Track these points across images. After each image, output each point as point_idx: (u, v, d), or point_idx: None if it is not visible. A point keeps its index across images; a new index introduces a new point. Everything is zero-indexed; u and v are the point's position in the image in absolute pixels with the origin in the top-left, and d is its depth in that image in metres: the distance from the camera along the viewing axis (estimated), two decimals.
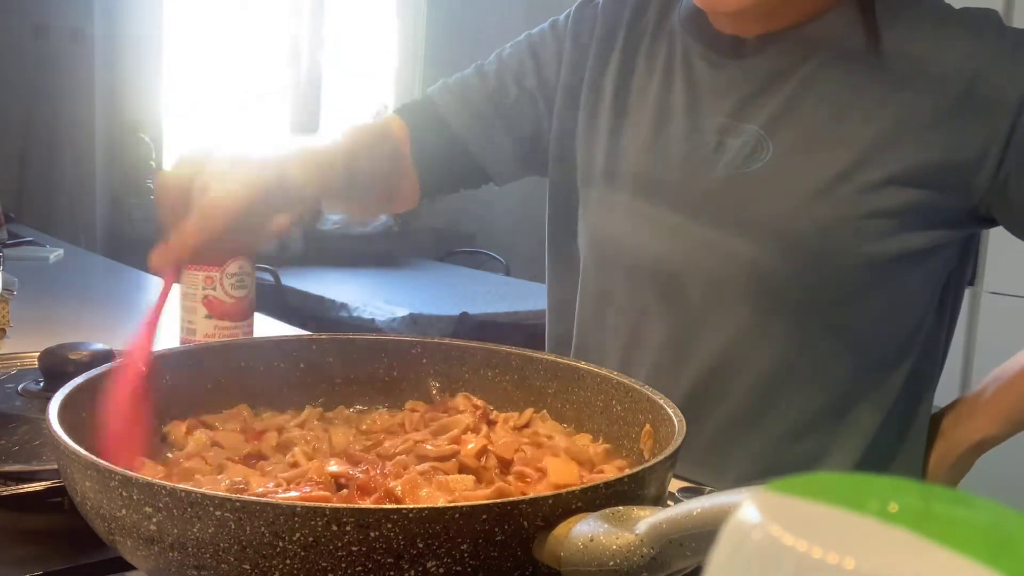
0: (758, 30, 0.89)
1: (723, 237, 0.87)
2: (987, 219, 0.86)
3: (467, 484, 0.57)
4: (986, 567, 0.17)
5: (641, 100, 0.95)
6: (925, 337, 0.90)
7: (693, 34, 0.94)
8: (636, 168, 0.93)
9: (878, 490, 0.21)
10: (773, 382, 0.87)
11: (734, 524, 0.20)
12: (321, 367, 0.76)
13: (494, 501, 0.45)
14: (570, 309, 1.02)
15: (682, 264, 0.89)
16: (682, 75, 0.93)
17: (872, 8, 0.85)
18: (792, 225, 0.84)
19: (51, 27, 3.01)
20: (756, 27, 0.89)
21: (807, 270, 0.84)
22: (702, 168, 0.89)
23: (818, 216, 0.83)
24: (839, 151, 0.83)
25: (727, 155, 0.88)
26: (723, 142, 0.88)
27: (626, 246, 0.93)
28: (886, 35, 0.84)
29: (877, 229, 0.83)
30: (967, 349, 2.38)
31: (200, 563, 0.44)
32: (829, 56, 0.86)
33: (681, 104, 0.92)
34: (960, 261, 0.90)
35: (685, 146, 0.91)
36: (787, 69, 0.87)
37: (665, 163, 0.91)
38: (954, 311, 0.94)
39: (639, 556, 0.42)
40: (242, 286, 0.92)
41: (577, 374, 0.72)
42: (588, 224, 0.98)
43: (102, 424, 0.58)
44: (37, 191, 3.04)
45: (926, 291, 0.89)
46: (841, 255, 0.83)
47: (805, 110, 0.86)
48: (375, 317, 2.63)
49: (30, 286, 1.48)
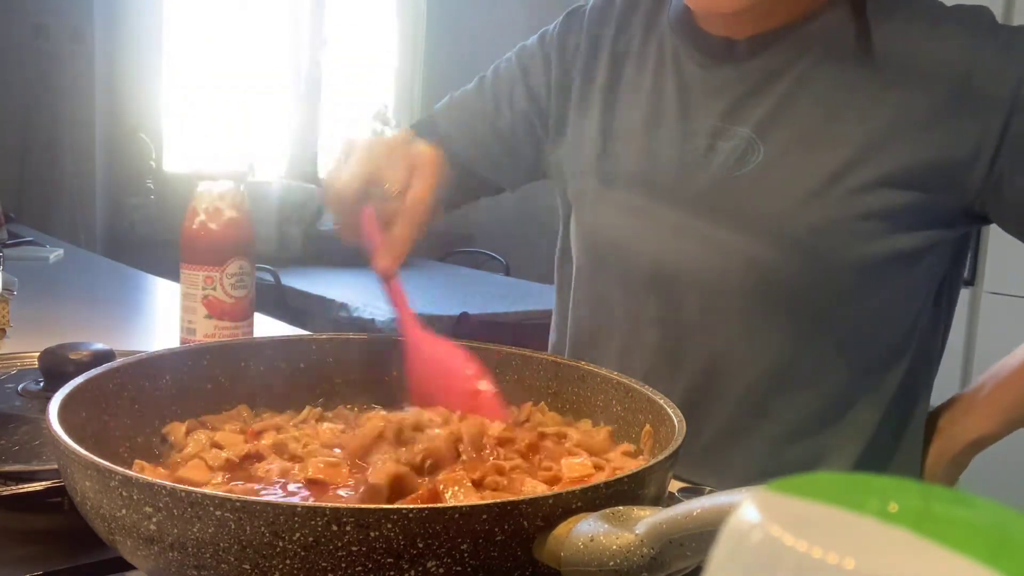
0: (750, 31, 0.89)
1: (717, 239, 0.87)
2: (981, 217, 0.85)
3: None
4: (986, 567, 0.17)
5: (632, 103, 0.95)
6: (920, 336, 0.90)
7: (683, 36, 0.93)
8: (628, 171, 0.93)
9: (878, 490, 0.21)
10: (770, 383, 0.87)
11: (734, 524, 0.20)
12: (321, 367, 0.76)
13: (494, 501, 0.45)
14: (571, 316, 1.02)
15: (677, 267, 0.89)
16: (673, 77, 0.93)
17: (864, 7, 0.85)
18: (786, 227, 0.84)
19: (51, 27, 3.01)
20: (748, 28, 0.89)
21: (802, 271, 0.84)
22: (694, 171, 0.89)
23: (811, 217, 0.83)
24: (832, 151, 0.83)
25: (719, 157, 0.88)
26: (714, 145, 0.88)
27: (620, 249, 0.93)
28: (879, 34, 0.84)
29: (871, 230, 0.82)
30: (966, 349, 2.38)
31: (200, 563, 0.44)
32: (822, 56, 0.86)
33: (673, 107, 0.92)
34: (955, 260, 0.90)
35: (677, 149, 0.90)
36: (780, 69, 0.87)
37: (657, 166, 0.91)
38: (949, 310, 0.94)
39: (639, 556, 0.42)
40: (242, 286, 0.92)
41: (577, 374, 0.72)
42: (582, 228, 0.98)
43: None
44: (37, 191, 3.04)
45: (921, 291, 0.89)
46: (835, 256, 0.83)
47: (798, 110, 0.86)
48: (375, 317, 2.63)
49: (30, 286, 1.48)
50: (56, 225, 2.94)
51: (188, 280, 0.91)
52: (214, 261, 0.91)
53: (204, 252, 0.91)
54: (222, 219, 0.91)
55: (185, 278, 0.92)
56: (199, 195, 0.91)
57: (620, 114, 0.96)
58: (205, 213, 0.91)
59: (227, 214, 0.91)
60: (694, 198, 0.88)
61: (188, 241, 0.91)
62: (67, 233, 2.88)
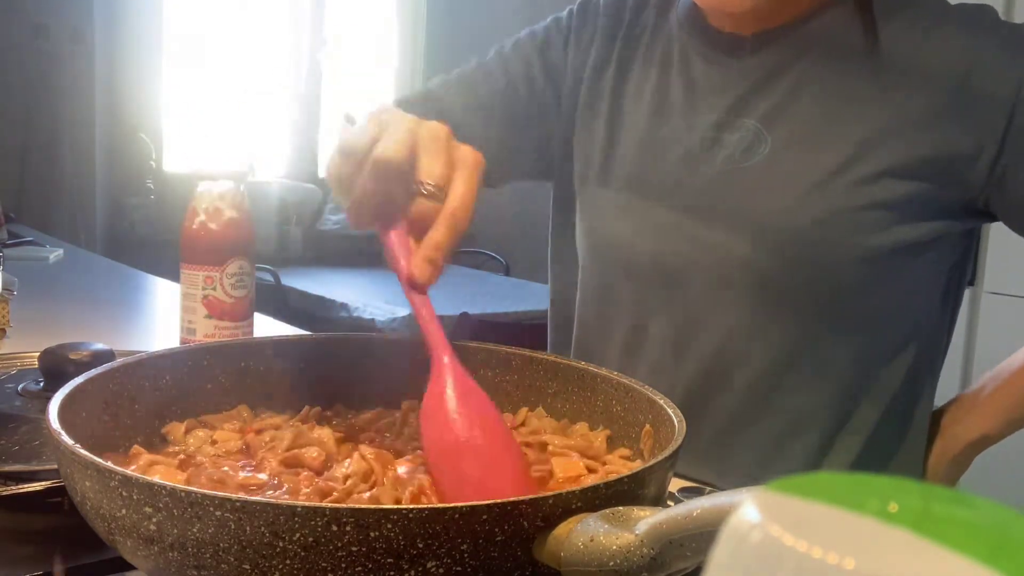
0: (757, 28, 0.89)
1: (721, 232, 0.87)
2: (986, 213, 0.86)
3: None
4: (986, 567, 0.17)
5: (638, 98, 0.95)
6: (925, 333, 0.91)
7: (691, 32, 0.94)
8: (633, 166, 0.94)
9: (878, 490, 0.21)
10: (774, 377, 0.87)
11: (734, 524, 0.20)
12: (321, 367, 0.76)
13: (494, 501, 0.45)
14: (570, 309, 1.02)
15: (681, 261, 0.89)
16: (679, 73, 0.93)
17: (870, 6, 0.86)
18: (789, 219, 0.84)
19: (51, 27, 3.01)
20: (755, 25, 0.89)
21: (805, 264, 0.84)
22: (699, 164, 0.89)
23: (815, 209, 0.84)
24: (835, 146, 0.84)
25: (725, 150, 0.88)
26: (720, 138, 0.89)
27: (625, 244, 0.93)
28: (883, 32, 0.85)
29: (874, 221, 0.83)
30: (967, 349, 2.38)
31: (200, 563, 0.44)
32: (826, 53, 0.86)
33: (679, 101, 0.92)
34: (962, 257, 0.91)
35: (682, 143, 0.91)
36: (785, 65, 0.88)
37: (662, 160, 0.92)
38: (955, 309, 0.94)
39: (639, 556, 0.42)
40: (242, 286, 0.92)
41: (577, 374, 0.72)
42: (586, 224, 0.98)
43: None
44: (37, 191, 3.04)
45: (926, 285, 0.89)
46: (839, 248, 0.84)
47: (802, 106, 0.86)
48: (375, 317, 2.63)
49: (30, 286, 1.48)
50: (56, 225, 2.94)
51: (188, 280, 0.91)
52: (214, 261, 0.91)
53: (204, 252, 0.91)
54: (222, 219, 0.91)
55: (185, 278, 0.92)
56: (199, 195, 0.91)
57: (627, 111, 0.96)
58: (205, 213, 0.91)
59: (227, 214, 0.91)
60: (699, 191, 0.89)
61: (188, 241, 0.91)
62: (67, 233, 2.88)
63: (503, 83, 1.00)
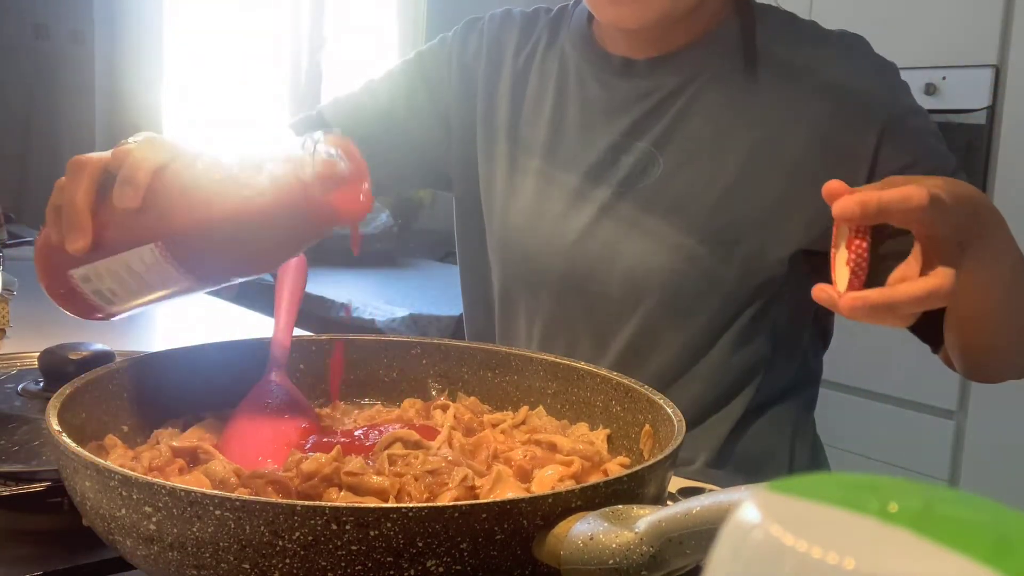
0: (650, 52, 0.94)
1: (622, 250, 0.92)
2: None
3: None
4: (986, 567, 0.17)
5: (535, 119, 1.00)
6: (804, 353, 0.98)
7: (584, 55, 0.99)
8: (536, 182, 0.98)
9: (878, 490, 0.21)
10: (673, 375, 0.93)
11: (734, 524, 0.20)
12: (321, 367, 0.76)
13: (494, 500, 0.45)
14: (482, 316, 1.08)
15: (584, 279, 0.93)
16: (576, 95, 0.98)
17: (753, 31, 0.91)
18: (683, 237, 0.89)
19: (51, 27, 3.01)
20: (648, 49, 0.94)
21: (699, 278, 0.90)
22: (598, 183, 0.94)
23: (706, 227, 0.89)
24: (722, 166, 0.90)
25: (621, 172, 0.93)
26: (617, 159, 0.94)
27: (532, 261, 0.97)
28: (765, 56, 0.91)
29: (766, 233, 0.89)
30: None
31: (200, 563, 0.44)
32: (712, 76, 0.92)
33: (575, 123, 0.97)
34: None
35: (580, 164, 0.95)
36: (675, 89, 0.93)
37: (562, 181, 0.96)
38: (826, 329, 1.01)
39: (639, 554, 0.42)
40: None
41: (577, 375, 0.72)
42: (495, 240, 1.02)
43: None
44: (37, 191, 3.04)
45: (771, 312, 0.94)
46: (726, 263, 0.89)
47: (690, 128, 0.92)
48: (375, 317, 2.63)
49: (30, 286, 1.48)
50: None
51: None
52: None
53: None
54: None
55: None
56: None
57: (525, 125, 1.00)
58: None
59: None
60: (599, 211, 0.93)
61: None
62: None
63: (386, 102, 1.05)
